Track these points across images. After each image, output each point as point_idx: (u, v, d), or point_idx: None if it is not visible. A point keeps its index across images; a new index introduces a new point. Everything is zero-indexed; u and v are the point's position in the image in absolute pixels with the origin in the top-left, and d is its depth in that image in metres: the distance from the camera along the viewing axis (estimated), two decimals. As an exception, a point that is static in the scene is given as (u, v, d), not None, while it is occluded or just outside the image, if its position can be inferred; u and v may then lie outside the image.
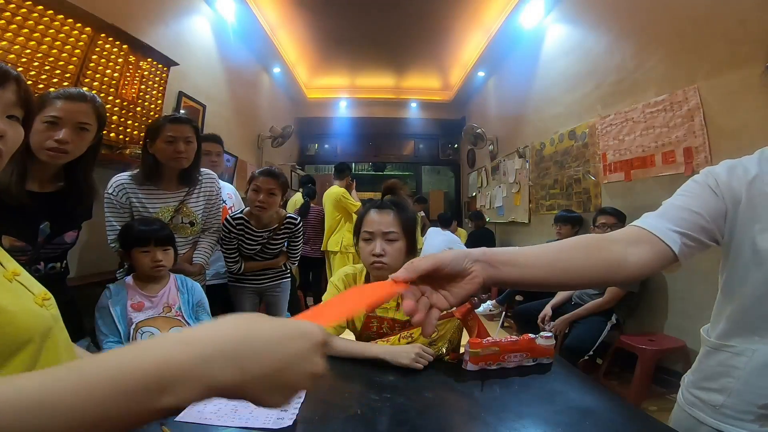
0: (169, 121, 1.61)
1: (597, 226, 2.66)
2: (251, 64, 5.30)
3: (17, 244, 1.14)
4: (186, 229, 1.73)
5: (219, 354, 0.27)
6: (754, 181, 0.73)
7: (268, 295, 2.17)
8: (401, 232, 1.23)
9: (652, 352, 2.19)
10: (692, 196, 0.76)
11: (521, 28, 4.42)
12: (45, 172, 1.20)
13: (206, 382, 0.26)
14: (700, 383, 0.81)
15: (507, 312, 3.46)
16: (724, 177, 0.75)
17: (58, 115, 1.14)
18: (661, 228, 0.71)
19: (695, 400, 0.81)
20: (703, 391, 0.80)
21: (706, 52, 2.29)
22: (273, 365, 0.29)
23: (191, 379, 0.26)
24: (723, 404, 0.75)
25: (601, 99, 3.27)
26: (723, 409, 0.75)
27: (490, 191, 5.86)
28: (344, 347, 1.13)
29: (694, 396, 0.82)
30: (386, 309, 1.27)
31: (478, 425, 0.81)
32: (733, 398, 0.74)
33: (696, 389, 0.82)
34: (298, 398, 0.88)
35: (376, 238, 1.21)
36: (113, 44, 2.45)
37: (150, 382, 0.25)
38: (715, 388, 0.77)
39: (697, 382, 0.82)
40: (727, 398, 0.74)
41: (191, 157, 1.65)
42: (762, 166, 0.74)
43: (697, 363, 0.84)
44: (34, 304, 0.72)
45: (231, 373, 0.27)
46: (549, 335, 1.11)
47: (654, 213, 0.76)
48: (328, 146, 8.40)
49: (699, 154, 2.32)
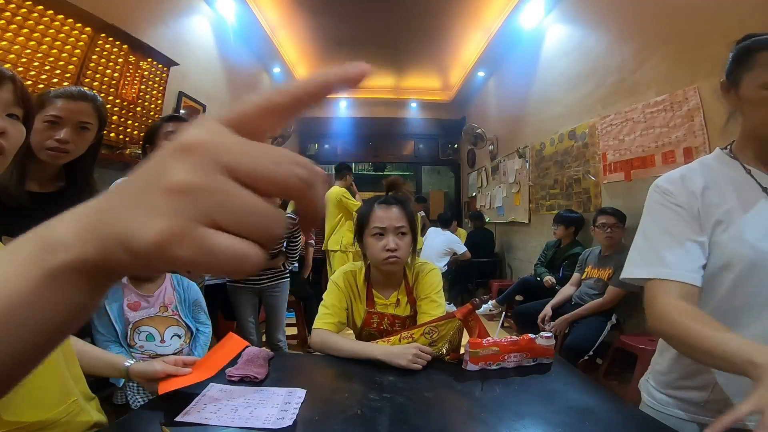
0: (167, 120, 1.61)
1: (597, 226, 2.66)
2: (251, 64, 5.31)
3: None
4: None
5: (91, 205, 0.22)
6: (704, 193, 0.79)
7: (266, 296, 2.17)
8: (408, 226, 1.25)
9: (652, 352, 2.18)
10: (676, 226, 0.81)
11: (521, 28, 4.42)
12: (45, 172, 1.19)
13: (79, 229, 0.22)
14: (675, 383, 0.82)
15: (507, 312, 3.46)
16: (683, 196, 0.81)
17: (59, 115, 1.13)
18: (689, 275, 0.77)
19: (671, 401, 0.83)
20: (681, 391, 0.81)
21: (706, 52, 2.29)
22: (122, 188, 0.21)
23: (66, 230, 0.22)
24: (707, 400, 0.76)
25: (601, 99, 3.27)
26: (709, 405, 0.76)
27: (490, 191, 5.86)
28: (343, 346, 1.15)
29: (670, 396, 0.83)
30: (386, 305, 1.30)
31: (478, 425, 0.81)
32: (717, 393, 0.75)
33: (672, 389, 0.83)
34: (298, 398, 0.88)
35: (388, 233, 1.22)
36: (113, 44, 2.45)
37: (33, 244, 0.23)
38: (695, 385, 0.78)
39: (672, 382, 0.83)
40: (710, 394, 0.76)
41: None
42: (706, 176, 0.81)
43: (660, 365, 0.87)
44: None
45: (95, 206, 0.22)
46: (549, 335, 1.11)
47: (678, 257, 0.79)
48: (328, 146, 8.39)
49: (699, 154, 2.32)
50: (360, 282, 1.31)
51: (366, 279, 1.31)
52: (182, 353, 1.39)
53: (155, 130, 1.59)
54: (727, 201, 0.78)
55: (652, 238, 0.83)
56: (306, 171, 0.21)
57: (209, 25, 4.06)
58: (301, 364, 1.27)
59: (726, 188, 0.79)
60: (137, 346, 1.33)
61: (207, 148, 0.20)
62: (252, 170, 0.20)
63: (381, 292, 1.31)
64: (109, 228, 0.21)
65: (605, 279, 2.51)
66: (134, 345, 1.33)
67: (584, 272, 2.72)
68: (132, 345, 1.33)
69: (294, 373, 1.09)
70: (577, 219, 3.30)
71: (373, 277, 1.32)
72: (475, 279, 4.94)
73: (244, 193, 0.19)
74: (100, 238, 0.21)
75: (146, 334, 1.34)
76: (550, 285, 3.16)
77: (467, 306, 1.11)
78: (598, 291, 2.54)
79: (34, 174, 1.17)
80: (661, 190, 0.83)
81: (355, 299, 1.31)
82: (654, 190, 0.86)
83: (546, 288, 3.18)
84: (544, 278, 3.26)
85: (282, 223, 0.20)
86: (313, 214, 0.22)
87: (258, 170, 0.20)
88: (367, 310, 1.29)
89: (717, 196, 0.79)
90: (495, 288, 4.39)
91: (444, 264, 4.40)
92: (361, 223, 1.28)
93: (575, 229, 3.29)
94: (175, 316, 1.42)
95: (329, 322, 1.24)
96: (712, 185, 0.80)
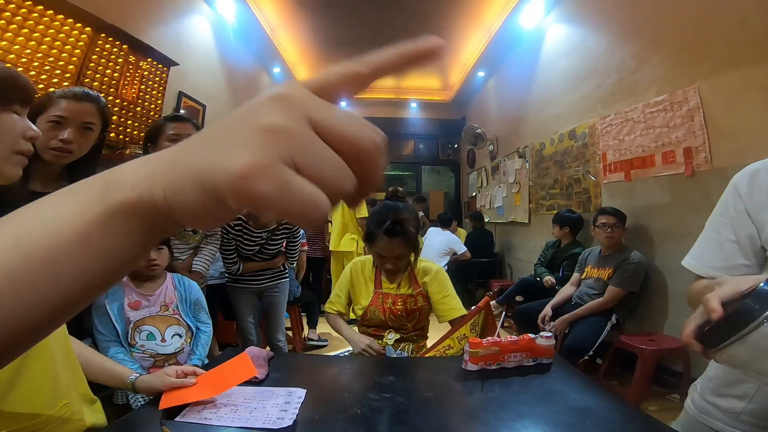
0: (170, 119, 1.61)
1: (597, 225, 2.66)
2: (251, 64, 5.31)
3: None
4: (189, 237, 1.72)
5: (163, 152, 0.24)
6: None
7: (266, 296, 2.17)
8: (407, 249, 1.46)
9: (652, 352, 2.18)
10: (720, 223, 0.81)
11: (521, 28, 4.42)
12: (48, 172, 1.20)
13: (149, 170, 0.23)
14: (718, 390, 0.80)
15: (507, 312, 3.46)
16: (745, 188, 0.78)
17: (63, 115, 1.14)
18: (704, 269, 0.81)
19: (710, 408, 0.80)
20: (721, 398, 0.79)
21: (706, 52, 2.29)
22: (202, 134, 0.23)
23: (135, 171, 0.23)
24: (743, 411, 0.74)
25: (601, 99, 3.27)
26: (742, 416, 0.74)
27: (490, 191, 5.86)
28: (339, 328, 1.50)
29: (710, 403, 0.80)
30: (391, 288, 1.52)
31: (478, 425, 0.81)
32: (753, 404, 0.73)
33: (714, 396, 0.80)
34: (298, 398, 0.88)
35: (388, 260, 1.45)
36: (113, 44, 2.45)
37: (99, 183, 0.24)
38: (735, 394, 0.76)
39: (715, 389, 0.81)
40: (747, 404, 0.74)
41: None
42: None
43: (713, 369, 0.83)
44: None
45: (171, 151, 0.23)
46: (549, 335, 1.11)
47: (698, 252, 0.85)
48: (328, 146, 8.40)
49: (699, 154, 2.32)
50: (369, 268, 1.56)
51: (374, 264, 1.55)
52: (183, 352, 1.39)
53: (158, 129, 1.59)
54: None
55: (706, 230, 0.86)
56: (380, 138, 0.23)
57: (209, 25, 4.06)
58: (301, 364, 1.27)
59: None
60: (138, 345, 1.33)
61: (300, 100, 0.21)
62: (335, 128, 0.21)
63: (388, 278, 1.54)
64: (188, 165, 0.21)
65: (605, 279, 2.51)
66: (135, 344, 1.33)
67: (584, 272, 2.72)
68: (133, 344, 1.33)
69: (294, 373, 1.09)
70: (575, 219, 3.30)
71: (383, 276, 1.55)
72: (475, 279, 4.94)
73: (326, 146, 0.21)
74: (173, 178, 0.22)
75: (147, 334, 1.34)
76: (550, 285, 3.16)
77: (485, 299, 1.39)
78: (598, 291, 2.54)
79: (37, 173, 1.17)
80: (730, 184, 0.82)
81: (363, 282, 1.55)
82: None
83: (546, 288, 3.18)
84: (544, 278, 3.26)
85: (353, 182, 0.22)
86: (376, 180, 0.24)
87: (341, 129, 0.21)
88: (375, 291, 1.52)
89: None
90: (495, 288, 4.39)
91: (444, 264, 4.40)
92: (367, 236, 1.49)
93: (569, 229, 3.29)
94: (176, 315, 1.42)
95: (335, 308, 1.55)
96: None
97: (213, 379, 0.91)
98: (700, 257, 0.83)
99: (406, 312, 1.48)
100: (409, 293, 1.50)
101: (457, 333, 1.34)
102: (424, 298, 1.51)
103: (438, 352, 1.33)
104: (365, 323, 1.52)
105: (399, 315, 1.47)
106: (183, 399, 0.84)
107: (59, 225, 0.23)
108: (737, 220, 0.79)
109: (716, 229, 0.82)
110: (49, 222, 0.23)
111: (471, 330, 1.35)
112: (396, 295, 1.50)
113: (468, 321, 1.35)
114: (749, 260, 0.77)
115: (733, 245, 0.78)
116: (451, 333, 1.36)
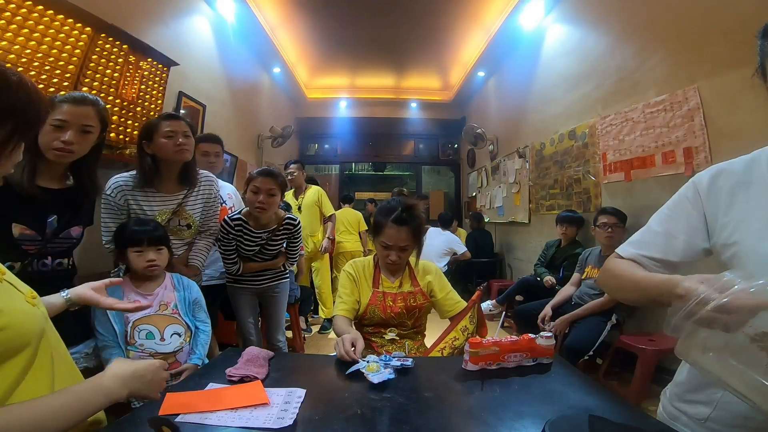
0: (164, 118, 1.63)
1: (598, 225, 2.66)
2: (251, 64, 5.30)
3: (27, 233, 1.22)
4: (183, 231, 1.73)
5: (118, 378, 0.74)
6: (737, 187, 0.74)
7: (266, 296, 2.17)
8: (412, 242, 1.48)
9: (652, 352, 2.18)
10: (671, 217, 0.82)
11: (521, 29, 4.41)
12: (53, 171, 1.31)
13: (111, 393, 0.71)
14: (684, 396, 0.80)
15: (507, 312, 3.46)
16: (706, 185, 0.77)
17: (64, 118, 1.24)
18: (634, 254, 0.84)
19: (678, 414, 0.80)
20: (687, 404, 0.78)
21: (706, 52, 2.28)
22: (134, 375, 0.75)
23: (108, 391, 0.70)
24: (709, 417, 0.73)
25: (601, 99, 3.27)
26: (708, 422, 0.73)
27: (490, 191, 5.86)
28: (340, 329, 1.40)
29: (677, 409, 0.80)
30: (391, 287, 1.54)
31: (478, 425, 0.81)
32: (719, 410, 0.72)
33: (680, 402, 0.80)
34: (298, 398, 0.88)
35: (393, 249, 1.46)
36: (113, 44, 2.45)
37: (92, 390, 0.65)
38: (701, 400, 0.75)
39: (681, 394, 0.81)
40: (713, 411, 0.73)
41: (192, 150, 1.66)
42: (749, 172, 0.74)
43: (680, 375, 0.83)
44: (26, 303, 0.72)
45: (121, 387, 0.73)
46: (549, 335, 1.11)
47: (633, 240, 0.88)
48: (328, 146, 8.39)
49: (699, 154, 2.32)
50: (369, 267, 1.57)
51: (375, 264, 1.58)
52: (182, 351, 1.39)
53: (153, 127, 1.60)
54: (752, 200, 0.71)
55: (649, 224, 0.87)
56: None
57: (209, 25, 4.06)
58: (301, 364, 1.28)
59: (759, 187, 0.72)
60: (137, 344, 1.33)
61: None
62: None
63: (387, 277, 1.56)
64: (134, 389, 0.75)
65: (605, 279, 2.51)
66: (134, 343, 1.33)
67: (584, 272, 2.72)
68: (132, 343, 1.33)
69: (294, 373, 1.09)
70: (578, 219, 3.30)
71: (384, 272, 1.58)
72: (475, 279, 4.94)
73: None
74: (129, 389, 0.75)
75: (146, 333, 1.35)
76: (550, 285, 3.16)
77: (477, 292, 1.52)
78: (598, 291, 2.54)
79: (44, 171, 1.28)
80: (691, 180, 0.81)
81: (362, 281, 1.55)
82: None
83: (546, 288, 3.18)
84: (544, 278, 3.26)
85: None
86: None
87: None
88: (373, 290, 1.52)
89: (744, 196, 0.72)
90: (495, 288, 4.39)
91: (444, 264, 4.40)
92: (375, 227, 1.51)
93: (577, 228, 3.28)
94: (175, 314, 1.42)
95: (344, 309, 1.47)
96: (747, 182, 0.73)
97: (220, 395, 0.91)
98: (638, 245, 0.84)
99: (407, 309, 1.50)
100: (410, 291, 1.54)
101: (460, 325, 1.44)
102: (423, 296, 1.54)
103: (447, 343, 1.40)
104: (365, 322, 1.53)
105: (399, 312, 1.49)
106: (186, 408, 0.84)
107: (60, 414, 0.62)
108: (690, 218, 0.78)
109: (661, 223, 0.83)
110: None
111: (470, 322, 1.46)
112: (396, 293, 1.52)
113: (467, 313, 1.47)
114: (678, 258, 0.79)
115: (673, 241, 0.79)
116: (455, 325, 1.45)
